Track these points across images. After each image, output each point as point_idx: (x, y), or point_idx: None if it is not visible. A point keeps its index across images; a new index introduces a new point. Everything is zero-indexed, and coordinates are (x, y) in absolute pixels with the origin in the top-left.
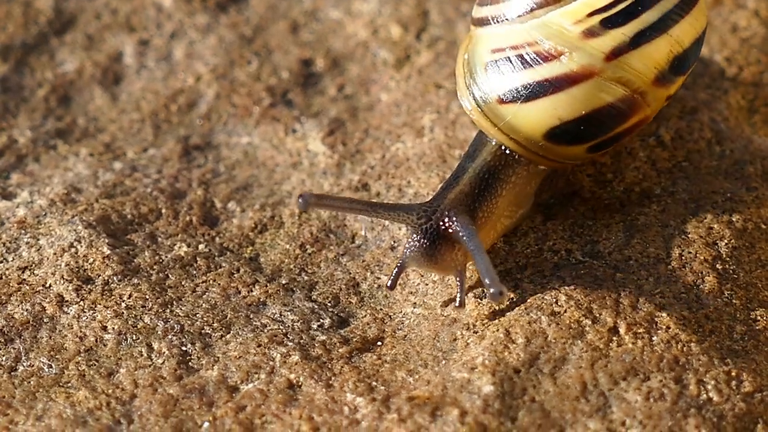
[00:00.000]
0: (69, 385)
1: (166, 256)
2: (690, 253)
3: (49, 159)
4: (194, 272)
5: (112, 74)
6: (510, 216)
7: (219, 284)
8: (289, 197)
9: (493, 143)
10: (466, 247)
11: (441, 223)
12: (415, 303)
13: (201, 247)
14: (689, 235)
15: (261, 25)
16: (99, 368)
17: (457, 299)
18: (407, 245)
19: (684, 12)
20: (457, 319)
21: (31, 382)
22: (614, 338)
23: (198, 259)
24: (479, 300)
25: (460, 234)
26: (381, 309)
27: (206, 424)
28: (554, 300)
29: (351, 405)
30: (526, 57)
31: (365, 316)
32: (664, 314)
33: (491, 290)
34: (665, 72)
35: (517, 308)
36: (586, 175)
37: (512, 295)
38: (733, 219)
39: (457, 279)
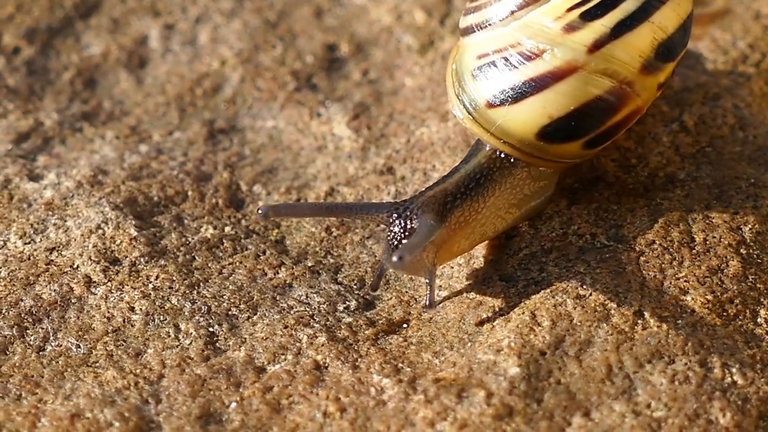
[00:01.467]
0: (97, 364)
1: (193, 238)
2: (714, 237)
3: (75, 141)
4: (220, 254)
5: (138, 58)
6: (505, 218)
7: (245, 266)
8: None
9: (488, 148)
10: (413, 237)
11: (408, 222)
12: (440, 286)
13: (227, 229)
14: (713, 220)
15: (285, 10)
16: (127, 348)
17: (426, 299)
18: (383, 245)
19: None
20: (483, 302)
21: (60, 362)
22: (639, 321)
23: (224, 241)
24: (505, 283)
25: (417, 229)
26: (406, 292)
27: (234, 404)
28: (579, 283)
29: (377, 386)
30: (510, 59)
31: (391, 298)
32: (689, 298)
33: (394, 257)
34: (651, 60)
35: (542, 291)
36: (610, 160)
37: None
38: (757, 204)
39: (426, 279)
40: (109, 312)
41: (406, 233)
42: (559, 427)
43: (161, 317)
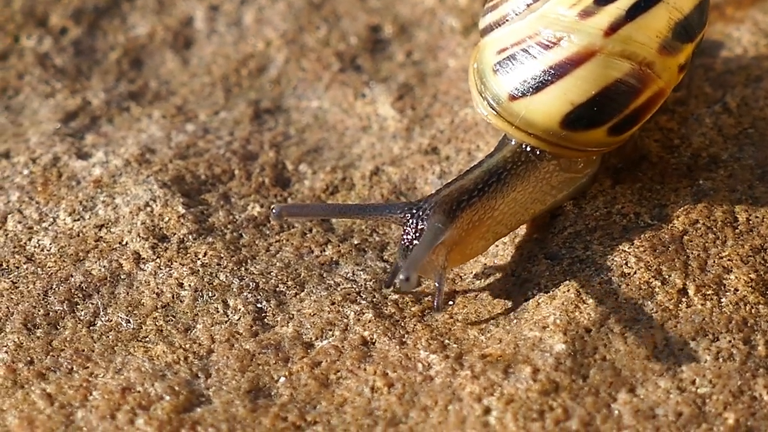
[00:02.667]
0: (147, 339)
1: (240, 216)
2: (757, 217)
3: (122, 120)
4: (267, 232)
5: (183, 39)
6: (524, 214)
7: (292, 244)
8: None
9: (514, 143)
10: (417, 246)
11: (420, 222)
12: (485, 264)
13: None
14: (756, 200)
15: None
16: (176, 324)
17: (435, 303)
18: (398, 246)
19: None
20: (528, 280)
21: (110, 337)
22: (683, 299)
23: (271, 218)
24: (550, 261)
25: (424, 233)
26: (451, 269)
27: (282, 379)
28: (624, 261)
29: (425, 362)
30: (529, 49)
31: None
32: (732, 276)
33: (401, 275)
34: (669, 40)
35: (587, 269)
36: (653, 141)
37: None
38: None
39: (436, 281)
40: (158, 288)
41: (417, 235)
42: (604, 403)
43: (210, 293)
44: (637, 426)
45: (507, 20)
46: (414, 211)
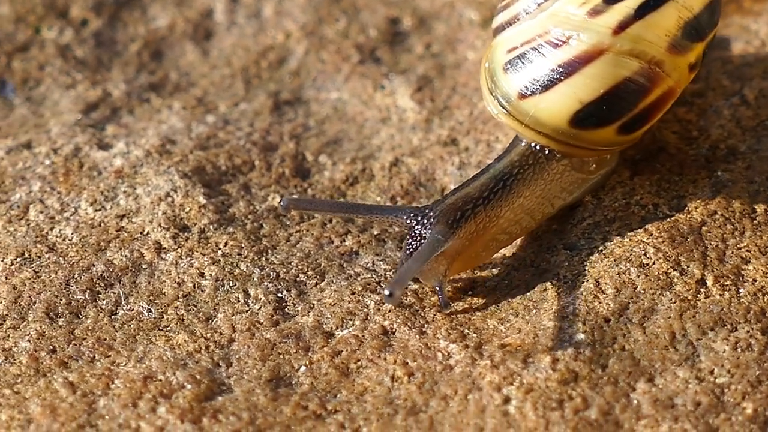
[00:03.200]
0: (168, 328)
1: (260, 206)
2: None
3: (143, 112)
4: (288, 222)
5: (203, 30)
6: (531, 221)
7: (312, 234)
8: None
9: (523, 144)
10: (411, 259)
11: (423, 231)
12: (504, 254)
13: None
14: None
15: None
16: (197, 313)
17: (441, 302)
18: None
19: None
20: (547, 270)
21: (132, 326)
22: (702, 290)
23: (291, 209)
24: (569, 251)
25: (425, 242)
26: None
27: (303, 368)
28: (642, 252)
29: (444, 351)
30: (539, 48)
31: None
32: (750, 267)
33: (387, 290)
34: (678, 39)
35: (606, 260)
36: (672, 132)
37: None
38: None
39: (436, 287)
40: (179, 277)
41: (420, 243)
42: (623, 393)
43: (231, 283)
44: (655, 415)
45: (518, 20)
46: (419, 218)
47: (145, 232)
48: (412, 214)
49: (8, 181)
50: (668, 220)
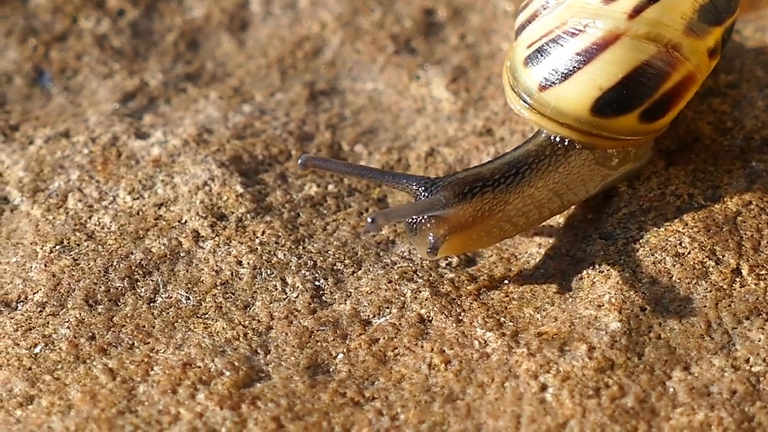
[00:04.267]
0: (207, 316)
1: (297, 196)
2: None
3: (179, 101)
4: (324, 211)
5: (239, 21)
6: (537, 213)
7: (349, 223)
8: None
9: (543, 136)
10: (417, 201)
11: (428, 195)
12: (540, 243)
13: (330, 187)
14: None
15: None
16: (235, 301)
17: (430, 245)
18: None
19: None
20: (583, 259)
21: (170, 313)
22: (737, 279)
23: (328, 198)
24: (604, 241)
25: (427, 198)
26: (507, 249)
27: (341, 356)
28: (678, 242)
29: (481, 339)
30: (557, 39)
31: (491, 255)
32: None
33: (370, 217)
34: (694, 22)
35: (641, 249)
36: (706, 123)
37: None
38: None
39: (430, 240)
40: (217, 265)
41: None
42: (659, 381)
43: (268, 271)
44: (691, 403)
45: (537, 16)
46: (427, 186)
47: (183, 221)
48: (421, 182)
49: (47, 170)
50: (703, 210)
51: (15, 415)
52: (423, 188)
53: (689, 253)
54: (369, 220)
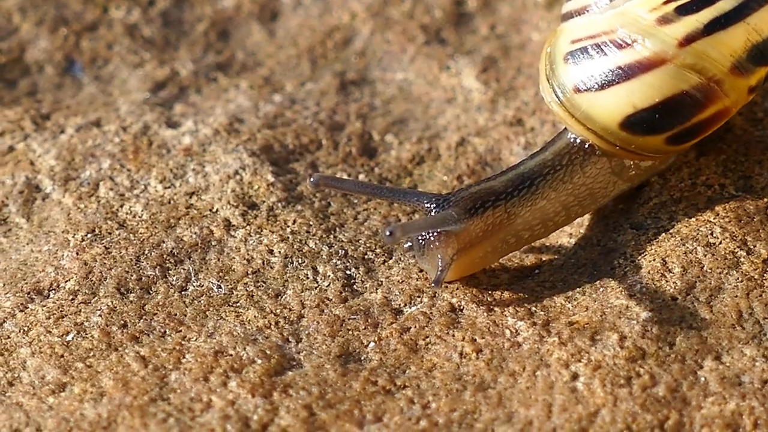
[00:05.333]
0: (238, 304)
1: None
2: None
3: (210, 91)
4: (355, 201)
5: (269, 11)
6: (546, 225)
7: (379, 212)
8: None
9: (569, 138)
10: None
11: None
12: (571, 234)
13: (361, 176)
14: None
15: None
16: (267, 289)
17: (436, 276)
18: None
19: (765, 1)
20: (614, 249)
21: (202, 301)
22: None
23: None
24: (635, 230)
25: (438, 214)
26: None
27: (372, 344)
28: (709, 232)
29: (512, 328)
30: (602, 46)
31: None
32: None
33: (388, 229)
34: (743, 60)
35: (672, 239)
36: (737, 114)
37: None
38: None
39: (439, 265)
40: (248, 254)
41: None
42: (691, 370)
43: (299, 260)
44: (723, 393)
45: (587, 11)
46: (439, 203)
47: (215, 210)
48: (433, 199)
49: (78, 159)
50: (735, 200)
51: (47, 402)
52: (435, 205)
53: (720, 243)
54: (387, 233)
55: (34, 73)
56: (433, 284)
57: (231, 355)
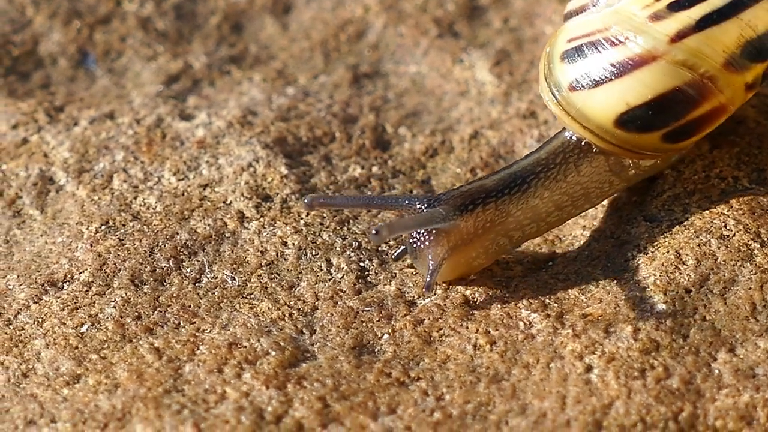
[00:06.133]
0: (252, 296)
1: (341, 177)
2: None
3: (223, 83)
4: (368, 192)
5: (282, 4)
6: (539, 224)
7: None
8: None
9: (566, 136)
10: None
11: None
12: (584, 226)
13: (374, 169)
14: None
15: None
16: (280, 281)
17: (427, 282)
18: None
19: None
20: (628, 241)
21: (216, 293)
22: None
23: (372, 180)
24: (649, 223)
25: (426, 212)
26: (551, 231)
27: (386, 336)
28: (723, 224)
29: (526, 320)
30: (596, 44)
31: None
32: None
33: (375, 228)
34: (736, 57)
35: (686, 231)
36: (750, 106)
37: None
38: None
39: (428, 274)
40: (262, 246)
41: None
42: (704, 362)
43: (313, 252)
44: (737, 385)
45: (585, 10)
46: (430, 203)
47: (228, 202)
48: (424, 200)
49: (92, 151)
50: (748, 192)
51: (62, 394)
52: (426, 206)
53: (734, 235)
54: (373, 231)
55: (47, 66)
56: (423, 290)
57: (245, 346)
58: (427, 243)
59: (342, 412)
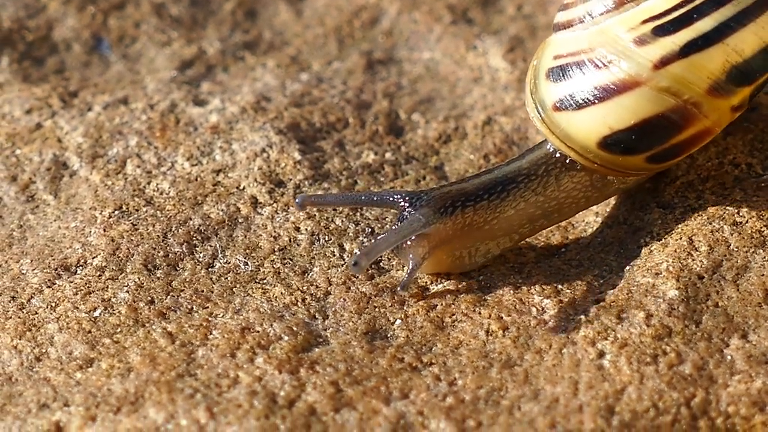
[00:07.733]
0: (265, 281)
1: (354, 163)
2: None
3: (237, 69)
4: (382, 178)
5: None
6: (511, 235)
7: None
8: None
9: (548, 149)
10: (385, 234)
11: (412, 210)
12: (597, 212)
13: (387, 155)
14: None
15: None
16: (293, 266)
17: (402, 282)
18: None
19: (747, 20)
20: (641, 227)
21: (228, 278)
22: None
23: (385, 166)
24: (662, 209)
25: (405, 220)
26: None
27: (398, 321)
28: (736, 211)
29: (538, 306)
30: (580, 65)
31: None
32: None
33: (353, 259)
34: (721, 82)
35: (699, 218)
36: (764, 93)
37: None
38: None
39: (408, 269)
40: (275, 231)
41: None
42: (717, 348)
43: (326, 237)
44: (749, 371)
45: (572, 25)
46: (413, 200)
47: (241, 187)
48: (407, 197)
49: (105, 136)
50: (762, 179)
51: (75, 378)
52: (409, 203)
53: (747, 222)
54: (353, 263)
55: (61, 51)
56: (399, 288)
57: (258, 331)
58: (409, 242)
59: (354, 396)
